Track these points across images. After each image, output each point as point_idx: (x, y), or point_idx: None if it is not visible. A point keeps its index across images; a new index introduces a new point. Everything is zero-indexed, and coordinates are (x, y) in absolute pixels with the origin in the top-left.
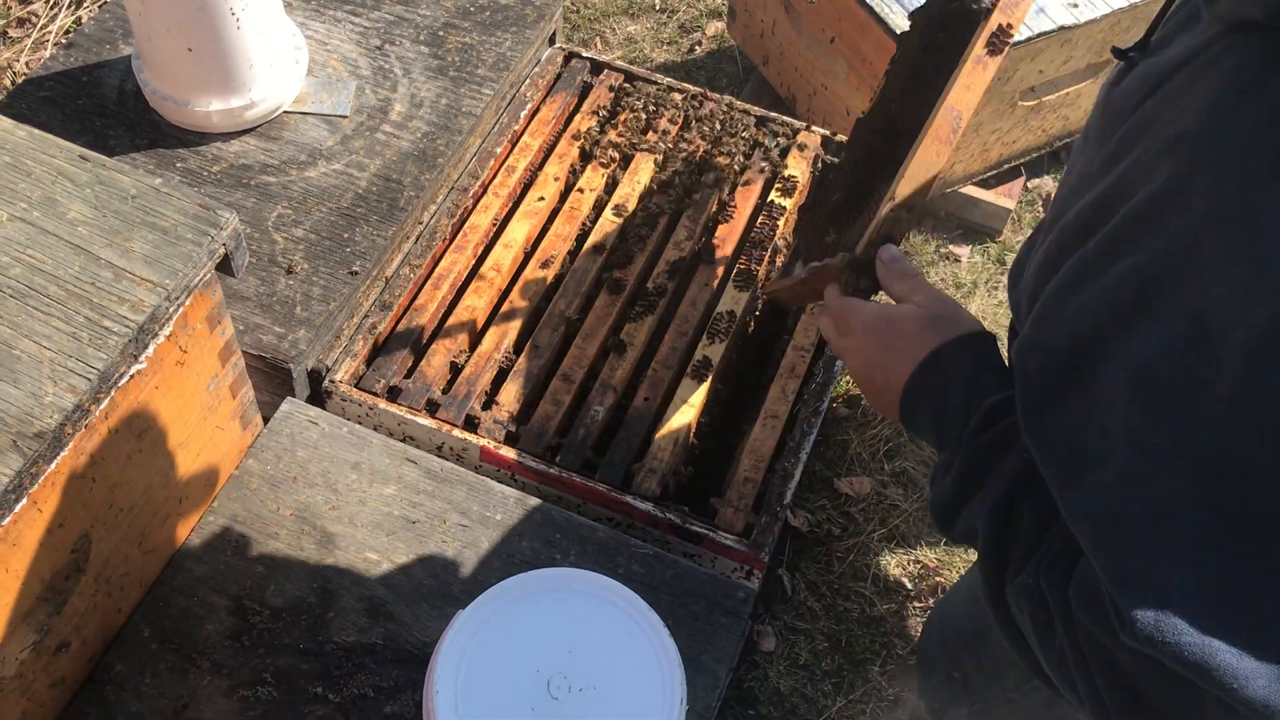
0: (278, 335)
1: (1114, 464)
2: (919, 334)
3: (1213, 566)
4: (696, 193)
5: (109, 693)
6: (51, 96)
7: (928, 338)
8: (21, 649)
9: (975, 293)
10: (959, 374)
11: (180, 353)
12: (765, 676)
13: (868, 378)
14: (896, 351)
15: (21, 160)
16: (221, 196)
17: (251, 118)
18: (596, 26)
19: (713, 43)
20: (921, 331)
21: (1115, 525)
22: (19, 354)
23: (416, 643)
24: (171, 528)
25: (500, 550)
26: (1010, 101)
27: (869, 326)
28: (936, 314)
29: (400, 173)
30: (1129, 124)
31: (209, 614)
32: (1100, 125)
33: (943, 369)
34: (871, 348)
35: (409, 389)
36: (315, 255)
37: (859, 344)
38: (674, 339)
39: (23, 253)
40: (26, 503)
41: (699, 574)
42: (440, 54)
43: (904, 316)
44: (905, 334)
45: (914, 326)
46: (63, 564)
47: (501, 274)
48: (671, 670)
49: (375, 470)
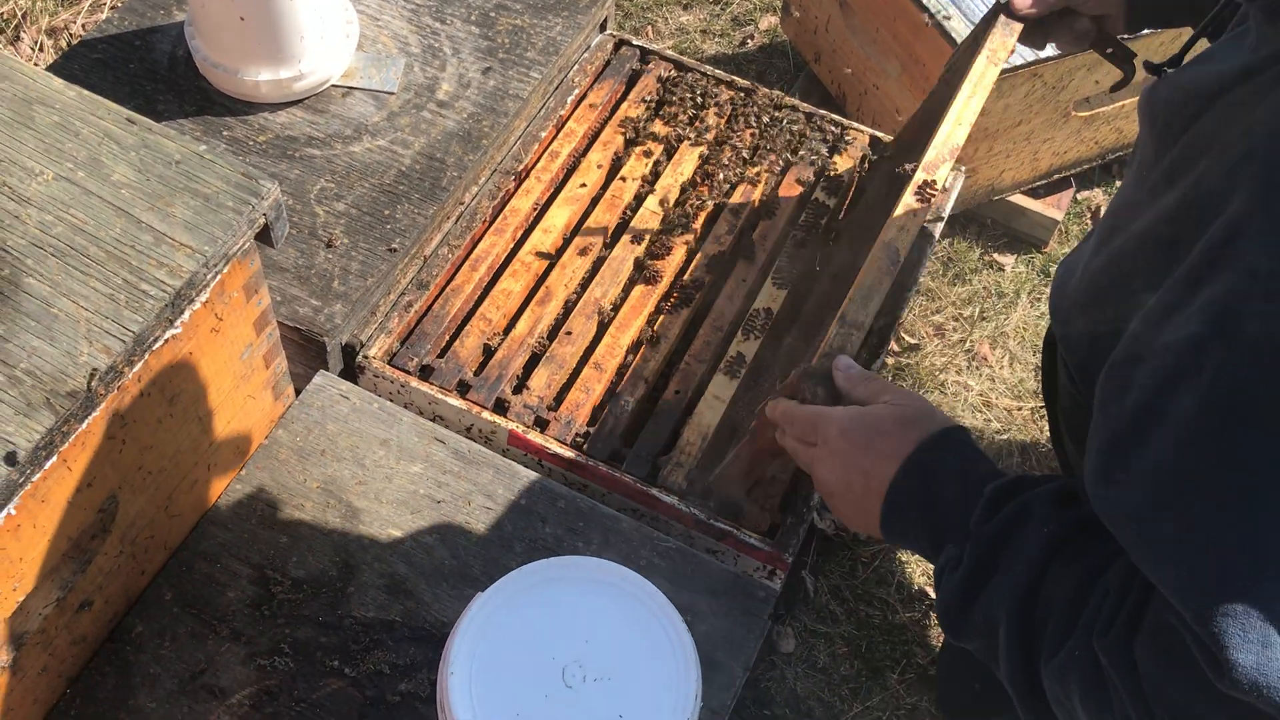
0: (314, 308)
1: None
2: (899, 431)
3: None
4: (739, 187)
5: (128, 653)
6: (104, 59)
7: (909, 434)
8: (45, 605)
9: (1017, 302)
10: (950, 467)
11: (216, 320)
12: (782, 678)
13: (845, 485)
14: (878, 452)
15: (70, 120)
16: (266, 167)
17: (300, 90)
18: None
19: (765, 37)
20: (902, 429)
21: (1208, 567)
22: (56, 312)
23: (435, 622)
24: (199, 493)
25: (523, 535)
26: (1063, 111)
27: (845, 429)
28: (914, 410)
29: (444, 152)
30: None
31: (231, 581)
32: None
33: (931, 464)
34: (850, 451)
35: (441, 369)
36: (355, 230)
37: (835, 449)
38: (709, 333)
39: (66, 212)
40: (56, 460)
41: (721, 571)
42: (490, 35)
43: (881, 415)
44: (885, 433)
45: (893, 425)
46: (89, 523)
47: (539, 259)
48: (688, 667)
49: (403, 448)
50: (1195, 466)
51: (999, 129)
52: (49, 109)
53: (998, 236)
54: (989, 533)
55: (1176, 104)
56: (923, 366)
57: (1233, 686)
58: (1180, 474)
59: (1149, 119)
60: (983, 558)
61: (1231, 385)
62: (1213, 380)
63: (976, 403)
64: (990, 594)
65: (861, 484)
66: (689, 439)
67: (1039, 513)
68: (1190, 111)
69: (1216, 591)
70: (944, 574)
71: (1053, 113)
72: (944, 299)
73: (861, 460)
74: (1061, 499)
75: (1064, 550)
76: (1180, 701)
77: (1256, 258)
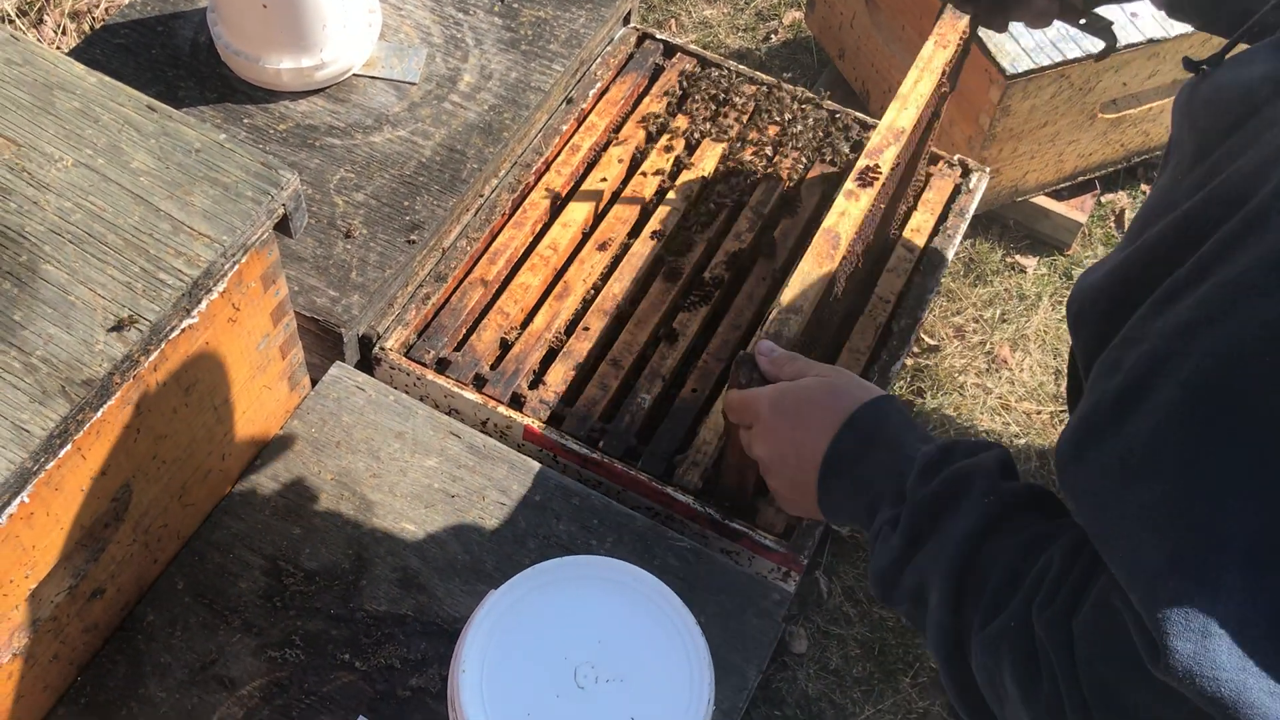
0: (331, 299)
1: (1164, 483)
2: (829, 400)
3: (1260, 599)
4: (761, 184)
5: (139, 642)
6: (126, 44)
7: (840, 403)
8: (57, 592)
9: (1039, 305)
10: (883, 433)
11: (233, 310)
12: (794, 678)
13: (780, 459)
14: (809, 423)
15: (90, 106)
16: (286, 155)
17: (321, 78)
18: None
19: (789, 32)
20: (832, 398)
21: (1160, 551)
22: (73, 300)
23: (447, 617)
24: (213, 483)
25: (537, 531)
26: (1089, 113)
27: (775, 403)
28: (843, 380)
29: (465, 144)
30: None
31: (243, 572)
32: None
33: (863, 431)
34: (782, 426)
35: (458, 362)
36: (374, 221)
37: (767, 425)
38: (727, 332)
39: (84, 199)
40: (71, 449)
41: (735, 572)
42: (513, 26)
43: (809, 386)
44: (815, 403)
45: (822, 395)
46: (103, 511)
47: (558, 253)
48: (701, 669)
49: (418, 441)
50: (1164, 451)
51: (1024, 130)
52: (70, 95)
53: (1020, 238)
54: (926, 498)
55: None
56: (942, 368)
57: (1166, 672)
58: (1149, 457)
59: (1189, 121)
60: (919, 523)
61: (1212, 374)
62: (1195, 367)
63: (995, 406)
64: (924, 559)
65: (795, 456)
66: (706, 438)
67: (981, 483)
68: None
69: (1165, 577)
70: (878, 538)
71: (1079, 114)
72: (965, 300)
73: (793, 433)
74: (1004, 470)
75: (1005, 521)
76: (1111, 682)
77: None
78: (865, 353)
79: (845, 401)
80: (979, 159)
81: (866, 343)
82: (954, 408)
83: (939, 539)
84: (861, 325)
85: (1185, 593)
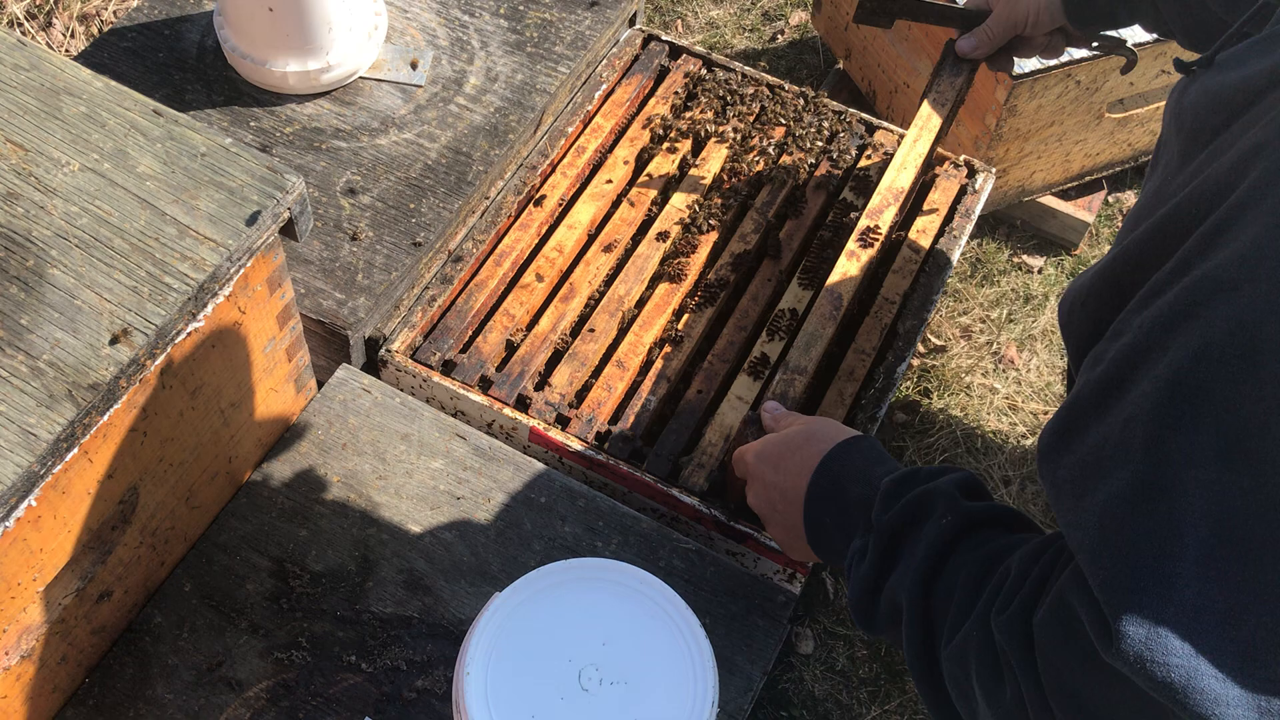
0: (338, 301)
1: (1129, 472)
2: (806, 445)
3: (1214, 588)
4: (766, 185)
5: (147, 644)
6: (133, 47)
7: (815, 446)
8: (65, 595)
9: (1046, 305)
10: (854, 467)
11: (239, 313)
12: (800, 679)
13: (769, 505)
14: (789, 467)
15: (97, 111)
16: (292, 158)
17: (327, 81)
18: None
19: (795, 32)
20: (808, 443)
21: (1122, 537)
22: (80, 304)
23: (452, 619)
24: (219, 485)
25: (542, 533)
26: (1096, 113)
27: (759, 453)
28: (819, 425)
29: (471, 146)
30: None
31: (250, 573)
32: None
33: (837, 469)
34: (767, 472)
35: (463, 364)
36: (381, 224)
37: (754, 473)
38: (732, 333)
39: (91, 203)
40: (78, 452)
41: (740, 574)
42: (519, 29)
43: (789, 434)
44: (794, 448)
45: (800, 440)
46: (110, 514)
47: (564, 255)
48: (705, 671)
49: (424, 443)
50: (1133, 442)
51: (1030, 130)
52: (76, 99)
53: (1027, 238)
54: (889, 523)
55: (1204, 111)
56: (949, 368)
57: (1118, 657)
58: (1119, 447)
59: (1176, 123)
60: (885, 548)
61: (1184, 369)
62: (1169, 361)
63: (1002, 406)
64: (894, 582)
65: (781, 500)
66: (711, 439)
67: (941, 504)
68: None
69: (1123, 564)
70: (851, 568)
71: (1085, 114)
72: (971, 300)
73: (776, 478)
74: (966, 490)
75: (965, 539)
76: (1068, 675)
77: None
78: (871, 353)
79: (821, 444)
80: (986, 159)
81: (872, 344)
82: (961, 408)
83: (905, 561)
84: (867, 326)
85: (1141, 579)
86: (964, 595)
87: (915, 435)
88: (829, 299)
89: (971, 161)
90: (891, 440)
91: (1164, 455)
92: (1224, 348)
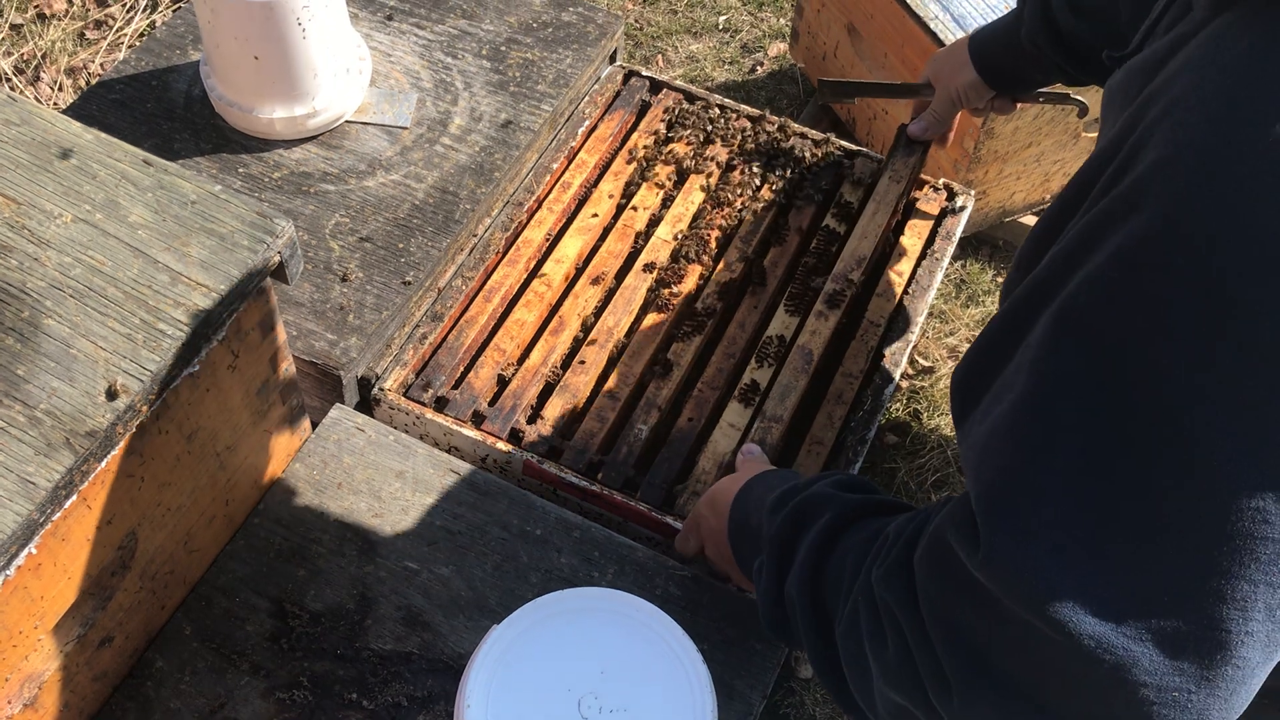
0: (330, 342)
1: (1015, 393)
2: (732, 486)
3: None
4: (750, 215)
5: (149, 688)
6: (121, 99)
7: (736, 486)
8: (66, 642)
9: None
10: (754, 500)
11: (232, 357)
12: (801, 704)
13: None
14: (720, 509)
15: (88, 163)
16: (281, 203)
17: (314, 126)
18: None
19: (774, 64)
20: (733, 483)
21: (1000, 452)
22: (75, 353)
23: (452, 654)
24: (217, 528)
25: (538, 565)
26: (1073, 133)
27: (702, 502)
28: (753, 467)
29: (457, 185)
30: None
31: (250, 615)
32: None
33: (743, 503)
34: (706, 517)
35: (456, 400)
36: (370, 264)
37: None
38: (721, 360)
39: (84, 254)
40: (76, 499)
41: (736, 599)
42: (501, 69)
43: (724, 481)
44: (724, 490)
45: (729, 484)
46: (110, 560)
47: (552, 289)
48: (704, 696)
49: (419, 480)
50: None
51: (1009, 151)
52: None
53: (1010, 259)
54: (777, 534)
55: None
56: (937, 389)
57: (985, 568)
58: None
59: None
60: (779, 556)
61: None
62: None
63: None
64: (789, 585)
65: (716, 544)
66: (704, 467)
67: (822, 504)
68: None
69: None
70: (758, 587)
71: (1063, 134)
72: (957, 321)
73: (712, 521)
74: (845, 488)
75: (848, 529)
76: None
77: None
78: (859, 376)
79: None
80: (965, 181)
81: (860, 366)
82: (950, 428)
83: (795, 564)
84: (854, 350)
85: (1011, 491)
86: (850, 574)
87: (906, 456)
88: (800, 355)
89: (951, 185)
90: (883, 463)
91: (1043, 375)
92: (1107, 273)
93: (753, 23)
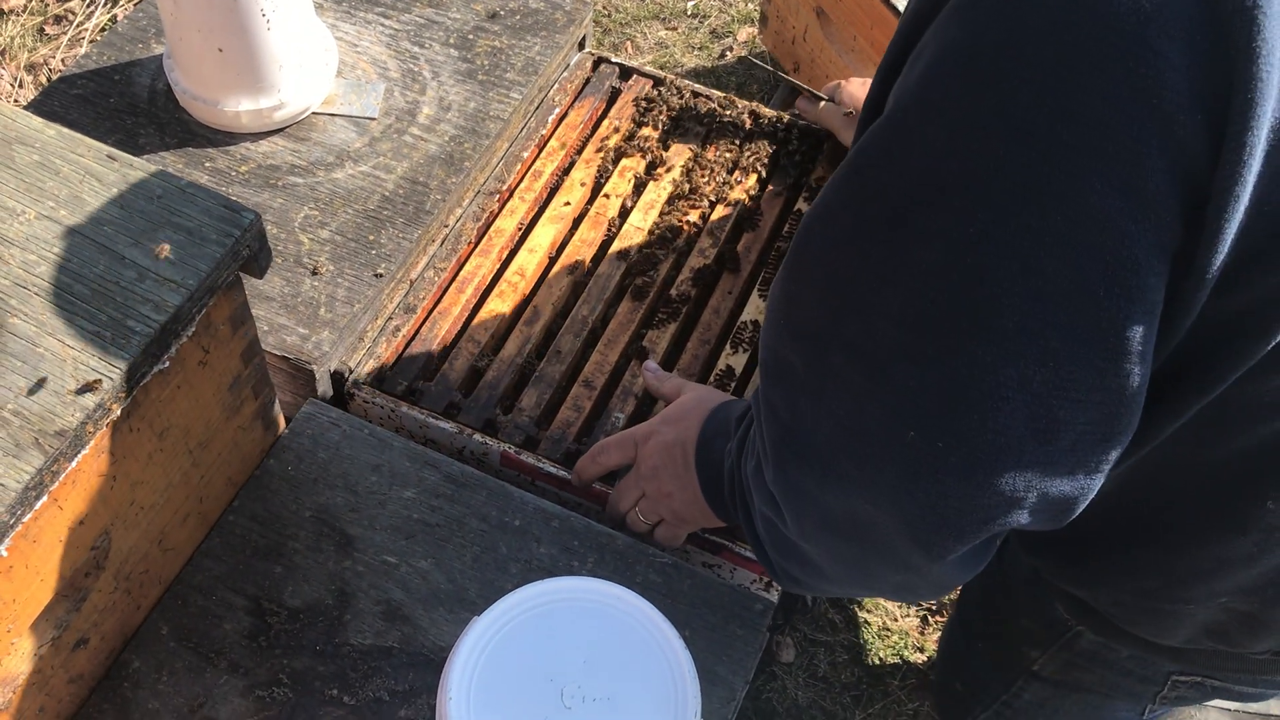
0: (301, 336)
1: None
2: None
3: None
4: (722, 200)
5: (126, 689)
6: (84, 94)
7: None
8: (41, 644)
9: None
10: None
11: (203, 353)
12: (784, 688)
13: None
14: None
15: (50, 159)
16: (249, 197)
17: (280, 119)
18: (627, 31)
19: (744, 49)
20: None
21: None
22: (42, 351)
23: (433, 647)
24: (191, 526)
25: (518, 556)
26: None
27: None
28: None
29: (427, 176)
30: None
31: (227, 613)
32: None
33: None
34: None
35: (431, 391)
36: (341, 257)
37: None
38: (696, 347)
39: (49, 251)
40: (47, 500)
41: (717, 585)
42: (469, 57)
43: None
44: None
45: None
46: (83, 561)
47: (526, 278)
48: (686, 683)
49: (396, 473)
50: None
51: None
52: (29, 148)
53: None
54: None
55: None
56: None
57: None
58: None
59: None
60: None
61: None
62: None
63: None
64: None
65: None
66: None
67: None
68: None
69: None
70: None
71: None
72: None
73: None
74: None
75: None
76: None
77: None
78: None
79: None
80: None
81: None
82: None
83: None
84: None
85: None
86: None
87: None
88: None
89: None
90: None
91: (810, 221)
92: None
93: (721, 8)
